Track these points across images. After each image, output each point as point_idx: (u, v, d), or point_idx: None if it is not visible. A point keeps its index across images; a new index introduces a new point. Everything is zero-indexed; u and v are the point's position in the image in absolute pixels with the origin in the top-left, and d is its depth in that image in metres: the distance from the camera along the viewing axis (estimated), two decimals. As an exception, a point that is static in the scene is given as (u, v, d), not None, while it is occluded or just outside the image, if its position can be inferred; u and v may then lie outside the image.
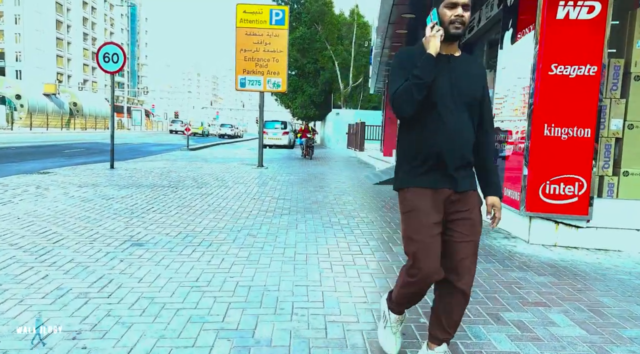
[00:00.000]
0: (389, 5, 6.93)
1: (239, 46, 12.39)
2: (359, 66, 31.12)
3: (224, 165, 13.53)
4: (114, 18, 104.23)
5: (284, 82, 12.48)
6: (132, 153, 20.36)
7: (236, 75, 12.56)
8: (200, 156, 18.93)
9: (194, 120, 55.60)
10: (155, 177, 9.86)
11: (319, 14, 29.48)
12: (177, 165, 13.02)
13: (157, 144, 29.72)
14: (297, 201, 7.24)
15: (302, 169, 13.17)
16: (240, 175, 10.78)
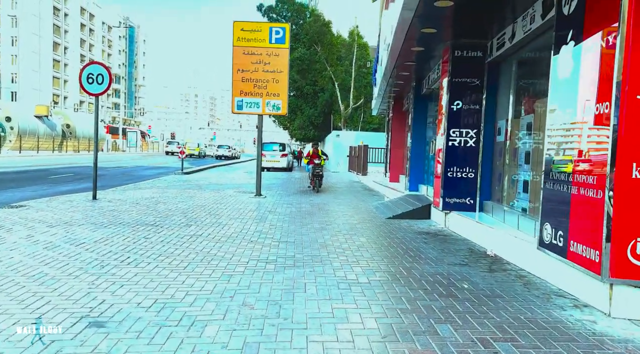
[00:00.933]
0: (406, 20, 5.98)
1: (236, 66, 11.48)
2: (359, 87, 30.43)
3: (219, 193, 12.47)
4: (112, 40, 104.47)
5: (284, 104, 11.54)
6: (123, 178, 19.30)
7: (233, 97, 11.62)
8: (195, 181, 17.89)
9: (190, 141, 54.72)
10: (141, 211, 8.77)
11: (318, 35, 28.91)
12: (167, 194, 11.95)
13: (151, 167, 28.69)
14: (301, 244, 6.16)
15: (303, 197, 12.12)
16: (236, 207, 9.71)
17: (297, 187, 15.73)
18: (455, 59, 7.24)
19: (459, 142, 7.35)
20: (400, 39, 7.15)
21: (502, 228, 5.84)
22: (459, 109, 7.30)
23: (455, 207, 7.42)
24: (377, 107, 17.72)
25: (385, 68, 9.85)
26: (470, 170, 7.33)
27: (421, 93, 11.16)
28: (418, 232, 7.22)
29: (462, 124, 7.32)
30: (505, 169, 6.88)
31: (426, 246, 6.23)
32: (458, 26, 6.59)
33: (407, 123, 15.16)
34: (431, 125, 11.10)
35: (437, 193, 7.77)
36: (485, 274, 4.82)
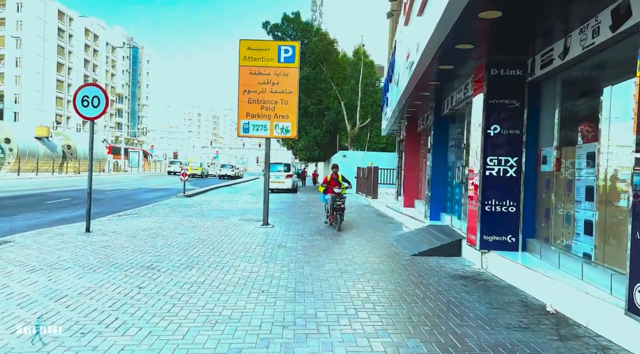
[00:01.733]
0: (441, 35, 5.18)
1: (243, 87, 10.72)
2: (366, 106, 29.74)
3: (222, 222, 11.56)
4: (116, 60, 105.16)
5: (293, 126, 10.73)
6: (122, 203, 18.44)
7: (239, 119, 10.82)
8: (197, 205, 17.03)
9: (193, 160, 54.12)
10: (137, 247, 7.87)
11: (324, 54, 28.36)
12: (167, 224, 11.05)
13: (152, 189, 27.89)
14: (322, 296, 5.22)
15: (313, 227, 11.20)
16: (241, 241, 8.79)
17: (305, 211, 14.81)
18: (492, 78, 6.42)
19: (497, 171, 6.46)
20: (429, 57, 6.34)
21: (562, 277, 4.91)
22: (496, 134, 6.45)
23: (494, 246, 6.49)
24: (388, 127, 16.92)
25: (403, 88, 9.04)
26: (511, 203, 6.43)
27: (442, 114, 10.34)
28: (453, 276, 6.27)
29: (500, 151, 6.45)
30: (554, 204, 5.97)
31: (469, 297, 5.29)
32: (498, 41, 5.78)
33: (421, 145, 14.32)
34: (453, 149, 10.25)
35: (472, 229, 6.85)
36: (558, 345, 3.87)
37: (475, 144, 6.84)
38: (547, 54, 5.77)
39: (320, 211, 15.23)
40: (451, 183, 10.05)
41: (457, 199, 9.36)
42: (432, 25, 5.38)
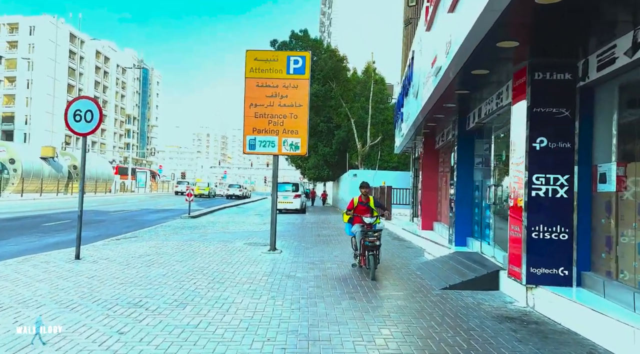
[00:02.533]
0: (483, 28, 4.33)
1: (249, 100, 9.93)
2: (376, 124, 28.94)
3: (226, 247, 10.62)
4: (126, 81, 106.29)
5: (303, 142, 9.86)
6: (123, 225, 17.61)
7: (244, 135, 9.99)
8: (201, 227, 16.14)
9: (200, 180, 53.52)
10: (127, 278, 6.94)
11: (334, 71, 27.75)
12: (166, 249, 10.14)
13: (157, 210, 27.10)
14: (342, 348, 4.23)
15: (325, 252, 10.21)
16: (246, 270, 7.83)
17: (315, 234, 13.82)
18: (536, 83, 5.52)
19: (545, 191, 5.49)
20: (461, 59, 5.47)
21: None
22: (543, 148, 5.50)
23: (543, 280, 5.47)
24: (403, 145, 16.02)
25: (425, 99, 8.17)
26: (563, 229, 5.44)
27: (466, 128, 9.43)
28: (497, 317, 5.24)
29: (548, 167, 5.50)
30: (617, 230, 4.97)
31: (524, 347, 4.26)
32: (547, 37, 4.90)
33: (440, 163, 13.38)
34: (480, 166, 9.29)
35: (514, 259, 5.84)
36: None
37: (516, 160, 5.89)
38: (606, 53, 4.86)
39: (331, 234, 14.22)
40: (479, 205, 9.06)
41: (487, 223, 8.36)
42: (470, 19, 4.52)
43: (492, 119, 7.96)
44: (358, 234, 7.74)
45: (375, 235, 7.48)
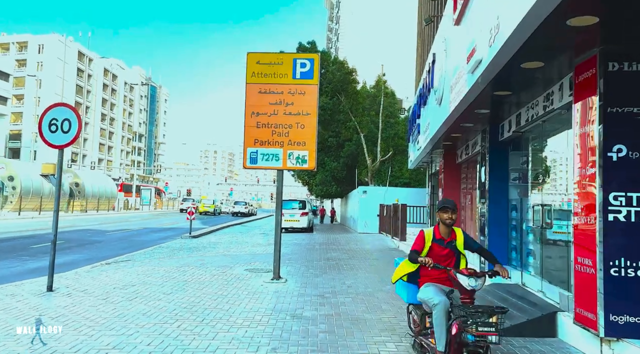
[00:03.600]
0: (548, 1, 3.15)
1: (250, 108, 8.81)
2: (387, 138, 27.76)
3: (224, 274, 9.36)
4: (134, 99, 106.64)
5: (311, 155, 8.68)
6: (120, 245, 16.46)
7: (245, 147, 8.84)
8: (201, 249, 14.94)
9: (206, 198, 52.46)
10: (99, 318, 5.70)
11: (342, 83, 26.72)
12: (156, 277, 8.91)
13: (159, 229, 25.98)
14: None
15: (336, 280, 8.91)
16: (243, 307, 6.57)
17: (324, 257, 12.51)
18: (612, 76, 4.31)
19: (626, 215, 4.23)
20: (515, 45, 4.29)
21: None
22: (622, 159, 4.26)
23: (627, 332, 4.17)
24: (419, 160, 14.79)
25: (455, 103, 6.97)
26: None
27: (499, 139, 8.20)
28: (572, 384, 3.93)
29: (630, 184, 4.25)
30: None
31: None
32: (635, 14, 3.70)
33: (462, 179, 12.12)
34: (517, 182, 8.03)
35: (584, 302, 4.54)
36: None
37: (580, 174, 4.64)
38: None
39: (341, 257, 12.85)
40: (516, 227, 7.76)
41: (529, 250, 7.06)
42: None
43: (534, 126, 6.74)
44: (438, 310, 3.69)
45: (493, 322, 3.36)
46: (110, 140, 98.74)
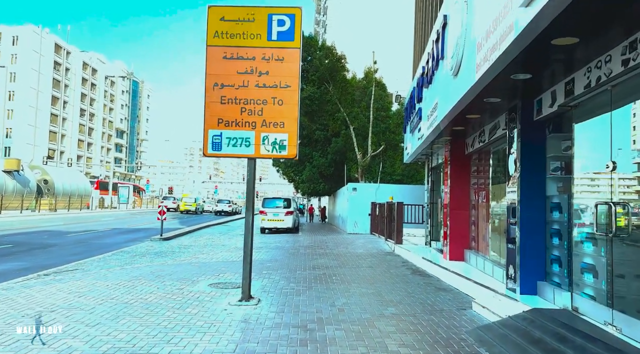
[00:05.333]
0: None
1: (212, 79, 6.82)
2: (378, 132, 25.91)
3: (181, 292, 7.36)
4: (115, 94, 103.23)
5: (292, 140, 6.73)
6: (75, 250, 14.31)
7: (205, 129, 6.85)
8: (169, 253, 12.98)
9: (187, 195, 50.20)
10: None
11: (330, 71, 24.73)
12: (92, 295, 6.88)
13: (130, 230, 23.77)
14: None
15: (323, 302, 6.98)
16: (191, 346, 4.59)
17: (310, 265, 10.56)
18: None
19: None
20: None
21: None
22: None
23: None
24: (417, 152, 12.95)
25: (489, 63, 5.09)
26: None
27: (533, 118, 6.36)
28: None
29: None
30: None
31: None
32: None
33: (473, 172, 10.29)
34: (559, 173, 6.20)
35: None
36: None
37: None
38: None
39: (330, 265, 10.84)
40: (560, 233, 5.92)
41: (588, 265, 5.20)
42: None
43: (595, 95, 4.89)
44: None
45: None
46: (90, 136, 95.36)
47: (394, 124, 27.31)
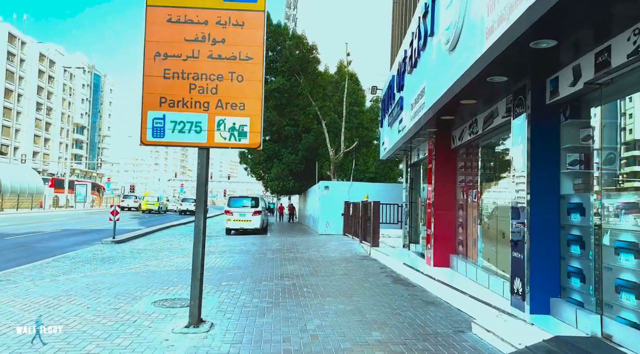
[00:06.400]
0: None
1: (153, 47, 5.43)
2: (351, 128, 24.79)
3: (118, 312, 5.94)
4: (74, 88, 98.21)
5: (255, 125, 5.43)
6: (8, 255, 12.46)
7: (143, 110, 5.44)
8: (118, 258, 11.40)
9: (149, 194, 47.77)
10: None
11: (301, 62, 23.38)
12: (3, 316, 5.37)
13: (82, 231, 21.80)
14: None
15: (294, 325, 5.71)
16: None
17: (278, 274, 9.25)
18: None
19: None
20: None
21: None
22: None
23: None
24: (396, 147, 11.85)
25: (503, 29, 3.96)
26: None
27: (546, 102, 5.30)
28: None
29: None
30: None
31: None
32: None
33: (460, 168, 9.25)
34: (579, 167, 5.15)
35: None
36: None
37: None
38: None
39: (301, 272, 9.50)
40: (582, 241, 4.86)
41: (628, 282, 4.14)
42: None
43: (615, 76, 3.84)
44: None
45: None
46: (48, 132, 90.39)
47: (367, 119, 26.28)
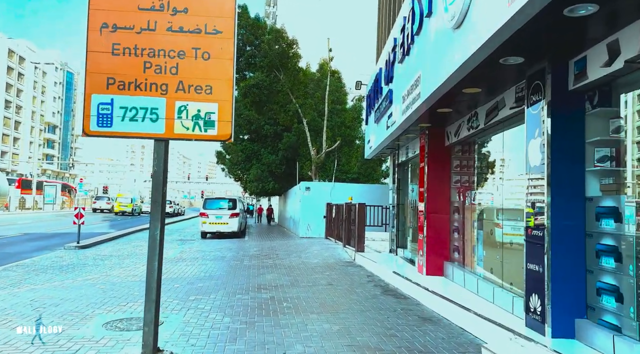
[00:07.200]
0: None
1: (99, 16, 4.44)
2: (333, 127, 23.96)
3: (59, 338, 4.90)
4: (46, 86, 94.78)
5: (224, 113, 4.48)
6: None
7: (86, 93, 4.43)
8: (78, 267, 10.29)
9: (122, 195, 45.99)
10: None
11: (281, 57, 22.40)
12: None
13: (45, 235, 20.37)
14: None
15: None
16: None
17: (254, 285, 8.29)
18: None
19: None
20: None
21: None
22: None
23: None
24: (383, 145, 11.05)
25: (513, 9, 3.15)
26: None
27: (568, 89, 4.53)
28: None
29: None
30: None
31: None
32: None
33: (455, 167, 8.47)
34: (609, 164, 4.39)
35: None
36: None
37: None
38: None
39: (281, 283, 8.53)
40: (615, 251, 4.09)
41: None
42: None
43: None
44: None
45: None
46: (17, 130, 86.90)
47: (350, 118, 25.54)
